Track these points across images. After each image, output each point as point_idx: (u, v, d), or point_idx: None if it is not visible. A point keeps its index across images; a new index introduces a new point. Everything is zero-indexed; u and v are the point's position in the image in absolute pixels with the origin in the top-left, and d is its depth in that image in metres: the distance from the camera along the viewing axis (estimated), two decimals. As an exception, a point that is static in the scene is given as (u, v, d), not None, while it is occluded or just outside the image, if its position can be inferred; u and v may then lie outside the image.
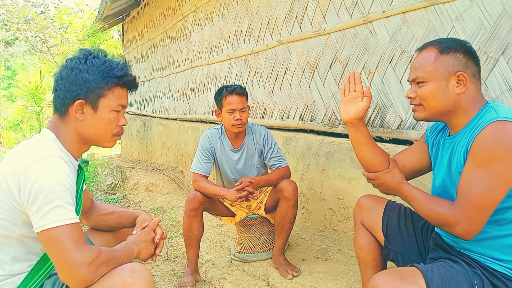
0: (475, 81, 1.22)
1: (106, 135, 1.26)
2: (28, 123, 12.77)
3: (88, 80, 1.19)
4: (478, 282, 1.13)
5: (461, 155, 1.22)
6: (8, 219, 1.11)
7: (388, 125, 2.31)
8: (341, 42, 2.63)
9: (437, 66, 1.22)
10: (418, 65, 1.27)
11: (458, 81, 1.21)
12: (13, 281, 1.14)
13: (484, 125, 1.14)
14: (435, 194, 1.37)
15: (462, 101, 1.22)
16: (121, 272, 1.11)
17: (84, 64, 1.20)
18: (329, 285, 2.05)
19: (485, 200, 1.11)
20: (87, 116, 1.21)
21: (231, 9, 4.04)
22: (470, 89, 1.21)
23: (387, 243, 1.48)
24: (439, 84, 1.22)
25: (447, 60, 1.21)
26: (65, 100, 1.20)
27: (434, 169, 1.39)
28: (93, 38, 9.16)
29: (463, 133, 1.24)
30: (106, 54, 1.26)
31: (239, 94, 2.31)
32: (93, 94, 1.20)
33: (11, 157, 1.14)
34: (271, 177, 2.33)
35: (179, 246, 2.88)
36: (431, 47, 1.25)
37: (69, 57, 1.25)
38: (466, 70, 1.20)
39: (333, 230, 2.70)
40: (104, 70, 1.21)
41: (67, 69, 1.21)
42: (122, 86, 1.25)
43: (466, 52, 1.22)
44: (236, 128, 2.31)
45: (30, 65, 15.31)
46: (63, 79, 1.21)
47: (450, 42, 1.24)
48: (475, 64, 1.23)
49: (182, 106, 5.53)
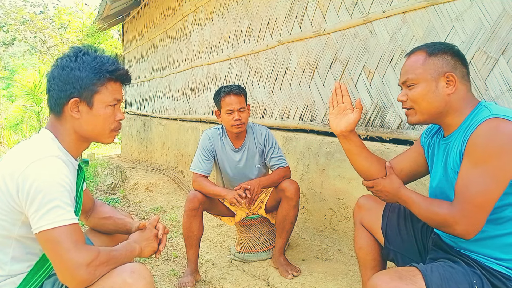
0: (464, 82, 1.24)
1: (104, 131, 1.25)
2: (28, 123, 12.76)
3: (80, 78, 1.18)
4: (477, 282, 1.13)
5: (457, 154, 1.22)
6: (7, 219, 1.11)
7: (388, 125, 2.31)
8: (341, 42, 2.62)
9: (426, 68, 1.24)
10: (407, 68, 1.29)
11: (448, 81, 1.23)
12: (13, 282, 1.14)
13: (478, 123, 1.14)
14: (433, 196, 1.38)
15: (453, 102, 1.23)
16: (121, 272, 1.11)
17: (75, 62, 1.19)
18: (329, 285, 2.05)
19: (484, 198, 1.11)
20: (83, 114, 1.20)
21: (231, 9, 4.03)
22: (460, 90, 1.23)
23: (387, 243, 1.48)
24: (429, 85, 1.24)
25: (436, 61, 1.24)
26: (59, 99, 1.19)
27: (431, 171, 1.40)
28: (93, 38, 9.15)
29: (457, 133, 1.25)
30: (96, 50, 1.25)
31: (237, 94, 2.30)
32: (86, 91, 1.19)
33: (10, 157, 1.13)
34: (273, 177, 2.33)
35: (179, 246, 2.87)
36: (420, 51, 1.29)
37: (60, 56, 1.24)
38: (455, 71, 1.23)
39: (333, 230, 2.70)
40: (95, 66, 1.20)
41: (58, 68, 1.20)
42: (115, 80, 1.24)
43: (454, 54, 1.25)
44: (236, 128, 2.31)
45: (29, 65, 15.31)
46: (55, 78, 1.20)
47: (437, 45, 1.27)
48: (464, 65, 1.26)
49: (182, 106, 5.53)
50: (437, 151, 1.36)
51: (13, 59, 16.99)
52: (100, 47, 1.27)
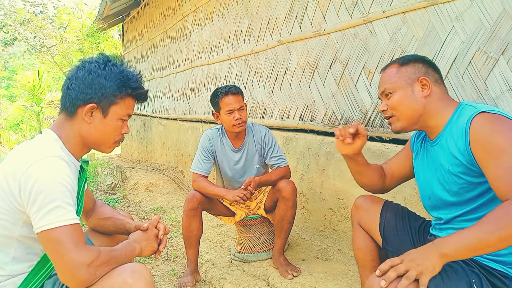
0: (438, 85, 1.31)
1: (108, 141, 1.28)
2: (28, 123, 12.77)
3: (104, 86, 1.21)
4: (476, 281, 1.13)
5: (449, 154, 1.24)
6: (9, 219, 1.11)
7: (388, 125, 2.31)
8: (341, 42, 2.63)
9: (400, 76, 1.32)
10: (384, 80, 1.37)
11: (422, 85, 1.29)
12: (13, 282, 1.14)
13: (468, 120, 1.16)
14: (426, 198, 1.40)
15: (431, 103, 1.29)
16: (121, 272, 1.11)
17: (103, 70, 1.23)
18: (329, 285, 2.05)
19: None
20: (95, 120, 1.23)
21: (231, 9, 4.04)
22: (436, 92, 1.30)
23: (385, 244, 1.48)
24: (405, 91, 1.31)
25: (408, 69, 1.32)
26: (76, 100, 1.21)
27: (420, 175, 1.42)
28: (93, 38, 9.15)
29: (443, 134, 1.27)
30: (123, 63, 1.29)
31: (235, 93, 2.30)
32: (106, 100, 1.22)
33: (12, 157, 1.14)
34: (271, 176, 2.33)
35: (179, 246, 2.88)
36: (392, 64, 1.37)
37: (86, 59, 1.27)
38: (428, 75, 1.31)
39: (333, 230, 2.70)
40: (121, 79, 1.24)
41: (84, 71, 1.22)
42: (133, 97, 1.29)
43: (425, 62, 1.34)
44: (237, 127, 2.31)
45: (29, 65, 15.31)
46: (78, 79, 1.22)
47: (408, 56, 1.37)
48: (436, 71, 1.34)
49: (182, 106, 5.53)
50: (426, 155, 1.38)
51: (13, 59, 16.99)
52: (126, 62, 1.32)
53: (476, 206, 1.22)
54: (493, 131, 1.11)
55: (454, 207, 1.28)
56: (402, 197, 2.15)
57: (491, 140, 1.11)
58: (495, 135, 1.10)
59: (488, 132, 1.12)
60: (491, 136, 1.11)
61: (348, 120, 2.60)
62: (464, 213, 1.25)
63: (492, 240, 0.99)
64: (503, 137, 1.09)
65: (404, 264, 1.03)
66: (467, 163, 1.19)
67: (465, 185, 1.22)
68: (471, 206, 1.23)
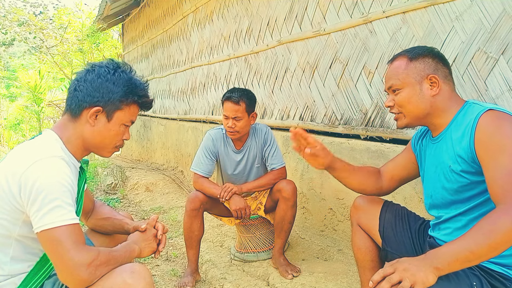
0: (447, 82, 1.28)
1: (109, 146, 1.30)
2: (28, 123, 12.76)
3: (112, 91, 1.23)
4: (477, 284, 1.13)
5: (452, 152, 1.23)
6: (8, 218, 1.11)
7: (388, 125, 2.31)
8: (341, 42, 2.63)
9: (409, 72, 1.28)
10: (391, 75, 1.33)
11: (431, 83, 1.26)
12: (13, 282, 1.14)
13: (475, 119, 1.15)
14: (428, 196, 1.38)
15: (439, 102, 1.26)
16: (121, 272, 1.11)
17: (113, 75, 1.24)
18: (329, 285, 2.05)
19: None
20: (99, 124, 1.24)
21: (231, 9, 4.03)
22: (444, 90, 1.27)
23: (384, 244, 1.47)
24: (414, 88, 1.27)
25: (418, 65, 1.27)
26: (83, 102, 1.22)
27: (424, 173, 1.41)
28: (92, 38, 9.14)
29: (447, 131, 1.26)
30: (131, 70, 1.32)
31: (234, 102, 2.27)
32: (111, 105, 1.24)
33: (12, 157, 1.14)
34: (261, 182, 2.33)
35: (179, 246, 2.88)
36: (401, 56, 1.32)
37: (96, 63, 1.29)
38: (437, 72, 1.26)
39: (333, 230, 2.70)
40: (129, 86, 1.26)
41: (93, 74, 1.24)
42: (138, 104, 1.31)
43: (434, 56, 1.29)
44: (228, 133, 2.33)
45: (29, 65, 15.30)
46: (86, 82, 1.23)
47: (417, 49, 1.31)
48: (445, 66, 1.29)
49: (182, 106, 5.54)
50: (428, 153, 1.37)
51: (13, 59, 16.98)
52: (133, 69, 1.34)
53: (475, 204, 1.22)
54: (498, 129, 1.10)
55: (453, 205, 1.28)
56: (402, 197, 2.15)
57: (494, 139, 1.10)
58: (499, 134, 1.10)
59: (492, 130, 1.11)
60: (494, 135, 1.11)
61: (348, 120, 2.60)
62: (464, 211, 1.25)
63: (483, 251, 0.99)
64: (507, 137, 1.09)
65: (397, 273, 1.00)
66: (469, 160, 1.18)
67: (465, 183, 1.21)
68: (470, 204, 1.23)
